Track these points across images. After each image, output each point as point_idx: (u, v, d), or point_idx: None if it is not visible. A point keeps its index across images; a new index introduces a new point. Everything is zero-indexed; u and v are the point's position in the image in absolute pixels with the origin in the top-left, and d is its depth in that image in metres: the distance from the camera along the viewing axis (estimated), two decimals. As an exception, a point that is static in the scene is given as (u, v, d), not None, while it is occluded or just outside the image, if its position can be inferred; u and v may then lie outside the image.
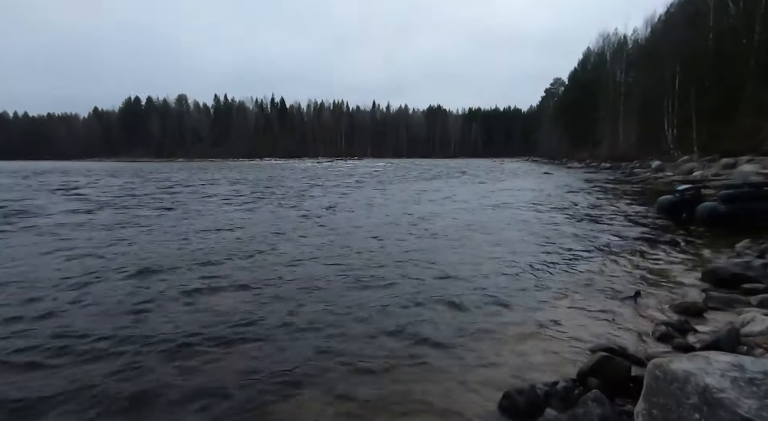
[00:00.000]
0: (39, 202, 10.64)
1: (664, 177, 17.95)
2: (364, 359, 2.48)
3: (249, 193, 13.13)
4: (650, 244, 5.52)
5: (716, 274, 3.81)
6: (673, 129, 25.45)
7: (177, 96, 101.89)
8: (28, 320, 3.01)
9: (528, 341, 2.70)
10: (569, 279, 4.05)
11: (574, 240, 5.79)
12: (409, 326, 2.94)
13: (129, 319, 3.06)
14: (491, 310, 3.24)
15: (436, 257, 4.86)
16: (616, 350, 2.40)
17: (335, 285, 3.86)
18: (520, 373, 2.30)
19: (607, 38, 45.61)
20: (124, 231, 6.58)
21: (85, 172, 30.02)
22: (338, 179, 20.21)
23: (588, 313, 3.18)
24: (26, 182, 18.62)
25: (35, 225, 7.07)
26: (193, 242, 5.74)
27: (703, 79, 22.69)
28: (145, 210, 9.05)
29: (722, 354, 1.40)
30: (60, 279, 3.99)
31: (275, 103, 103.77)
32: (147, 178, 21.49)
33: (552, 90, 70.87)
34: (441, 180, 20.06)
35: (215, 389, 2.16)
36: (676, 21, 27.31)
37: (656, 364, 1.41)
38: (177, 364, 2.41)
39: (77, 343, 2.66)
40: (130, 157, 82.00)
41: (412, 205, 10.08)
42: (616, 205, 9.72)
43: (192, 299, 3.49)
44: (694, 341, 2.62)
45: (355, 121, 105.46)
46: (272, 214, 8.53)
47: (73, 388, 2.16)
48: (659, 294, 3.58)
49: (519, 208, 9.25)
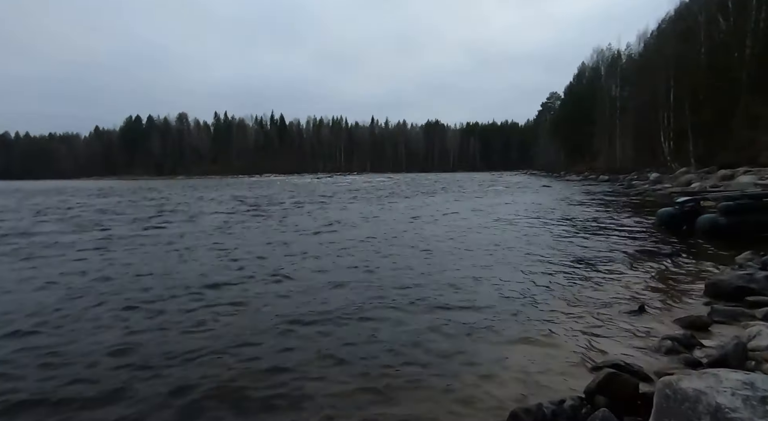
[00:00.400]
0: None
1: (663, 189, 18.02)
2: (364, 375, 2.45)
3: (245, 211, 13.13)
4: (652, 257, 5.51)
5: (719, 287, 3.78)
6: (670, 141, 25.69)
7: (178, 114, 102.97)
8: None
9: (533, 358, 2.66)
10: (572, 294, 4.02)
11: (576, 254, 5.78)
12: (411, 343, 2.91)
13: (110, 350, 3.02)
14: (494, 327, 3.21)
15: (437, 272, 4.83)
16: (622, 365, 2.37)
17: (339, 298, 3.82)
18: (526, 391, 2.27)
19: (601, 53, 46.58)
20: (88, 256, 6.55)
21: (72, 191, 30.01)
22: (336, 195, 20.26)
23: (592, 328, 3.15)
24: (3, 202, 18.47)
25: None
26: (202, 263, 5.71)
27: (697, 92, 23.03)
28: (124, 230, 9.02)
29: (732, 372, 1.38)
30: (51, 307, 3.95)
31: (275, 120, 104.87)
32: (135, 200, 21.46)
33: (548, 104, 71.78)
34: (441, 195, 20.11)
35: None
36: (668, 36, 27.86)
37: (666, 382, 1.39)
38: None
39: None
40: (130, 176, 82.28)
41: (411, 219, 10.08)
42: (616, 218, 9.73)
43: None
44: (701, 355, 2.59)
45: (354, 137, 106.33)
46: (272, 230, 8.51)
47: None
48: (663, 308, 3.56)
49: (519, 222, 9.25)
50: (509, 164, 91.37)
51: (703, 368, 2.34)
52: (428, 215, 11.18)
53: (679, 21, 27.33)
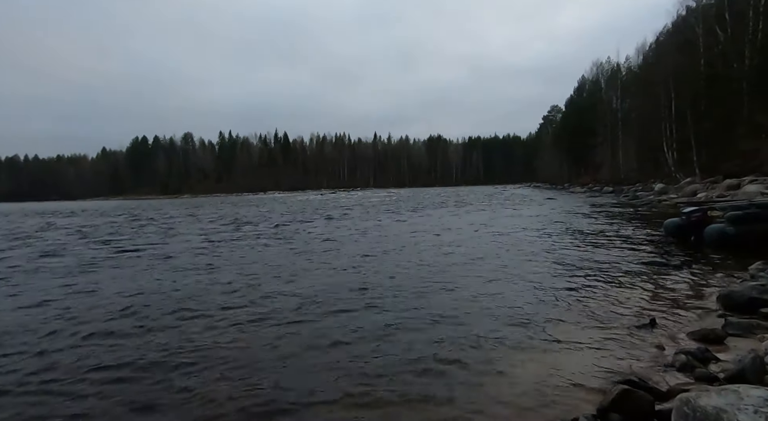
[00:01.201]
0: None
1: (668, 199, 17.90)
2: (370, 392, 2.39)
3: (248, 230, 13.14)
4: (660, 268, 5.42)
5: (732, 298, 3.70)
6: (673, 152, 25.63)
7: (183, 134, 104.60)
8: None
9: (542, 374, 2.59)
10: (581, 307, 3.94)
11: (583, 267, 5.70)
12: (420, 359, 2.85)
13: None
14: (502, 343, 3.14)
15: (445, 285, 4.77)
16: (636, 382, 2.30)
17: (352, 308, 3.77)
18: (538, 409, 2.20)
19: (601, 66, 47.02)
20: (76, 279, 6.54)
21: (78, 211, 30.24)
22: (338, 210, 20.28)
23: (603, 342, 3.07)
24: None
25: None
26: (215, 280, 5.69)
27: (699, 103, 23.09)
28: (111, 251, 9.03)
29: (753, 388, 1.33)
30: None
31: (278, 137, 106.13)
32: (139, 219, 21.58)
33: (550, 116, 72.22)
34: (445, 208, 20.07)
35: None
36: (667, 48, 28.11)
37: (683, 400, 1.34)
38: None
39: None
40: (136, 196, 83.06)
41: (417, 234, 10.03)
42: (622, 230, 9.64)
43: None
44: (717, 370, 2.51)
45: (357, 153, 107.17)
46: (286, 248, 8.50)
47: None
48: (675, 321, 3.48)
49: (526, 236, 9.18)
50: (512, 177, 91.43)
51: (719, 383, 2.27)
52: (435, 228, 11.13)
53: (677, 33, 27.61)
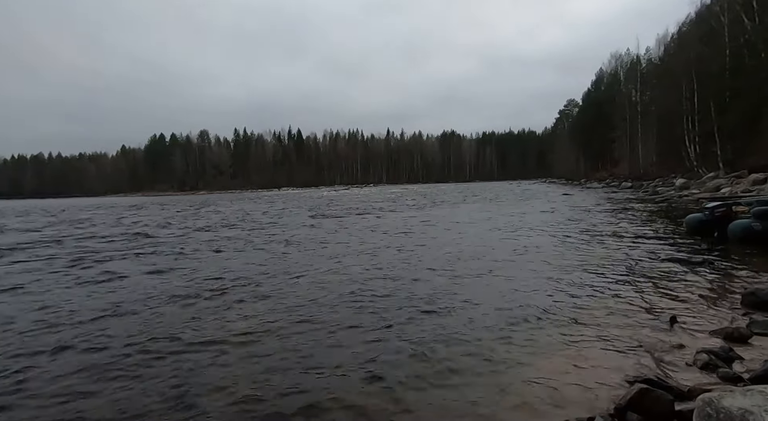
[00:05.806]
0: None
1: (690, 195, 17.41)
2: (382, 393, 2.39)
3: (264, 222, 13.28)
4: (682, 265, 5.27)
5: (758, 296, 3.57)
6: (695, 146, 24.91)
7: (199, 131, 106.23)
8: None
9: (559, 373, 2.54)
10: (600, 304, 3.86)
11: (603, 263, 5.58)
12: (435, 358, 2.83)
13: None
14: (518, 340, 3.09)
15: (461, 281, 4.74)
16: (655, 381, 2.24)
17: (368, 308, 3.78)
18: (554, 409, 2.16)
19: (620, 58, 46.00)
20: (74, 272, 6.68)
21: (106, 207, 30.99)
22: (355, 205, 20.33)
23: (622, 340, 3.00)
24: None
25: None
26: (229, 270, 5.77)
27: (723, 95, 22.34)
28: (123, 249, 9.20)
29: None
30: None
31: (292, 134, 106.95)
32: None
33: (566, 111, 71.01)
34: (461, 204, 19.95)
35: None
36: (690, 39, 27.25)
37: (706, 400, 1.29)
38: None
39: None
40: (153, 192, 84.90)
41: (434, 229, 9.99)
42: (642, 226, 9.41)
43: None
44: (741, 370, 2.43)
45: (370, 149, 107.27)
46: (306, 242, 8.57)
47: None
48: (697, 319, 3.38)
49: (544, 232, 9.05)
50: (527, 173, 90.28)
51: (744, 384, 2.19)
52: (451, 221, 11.07)
53: (701, 23, 26.73)
